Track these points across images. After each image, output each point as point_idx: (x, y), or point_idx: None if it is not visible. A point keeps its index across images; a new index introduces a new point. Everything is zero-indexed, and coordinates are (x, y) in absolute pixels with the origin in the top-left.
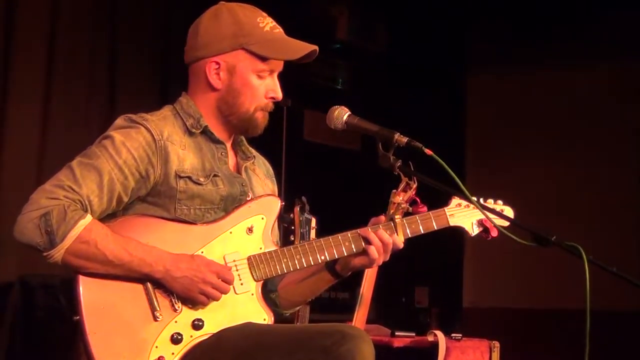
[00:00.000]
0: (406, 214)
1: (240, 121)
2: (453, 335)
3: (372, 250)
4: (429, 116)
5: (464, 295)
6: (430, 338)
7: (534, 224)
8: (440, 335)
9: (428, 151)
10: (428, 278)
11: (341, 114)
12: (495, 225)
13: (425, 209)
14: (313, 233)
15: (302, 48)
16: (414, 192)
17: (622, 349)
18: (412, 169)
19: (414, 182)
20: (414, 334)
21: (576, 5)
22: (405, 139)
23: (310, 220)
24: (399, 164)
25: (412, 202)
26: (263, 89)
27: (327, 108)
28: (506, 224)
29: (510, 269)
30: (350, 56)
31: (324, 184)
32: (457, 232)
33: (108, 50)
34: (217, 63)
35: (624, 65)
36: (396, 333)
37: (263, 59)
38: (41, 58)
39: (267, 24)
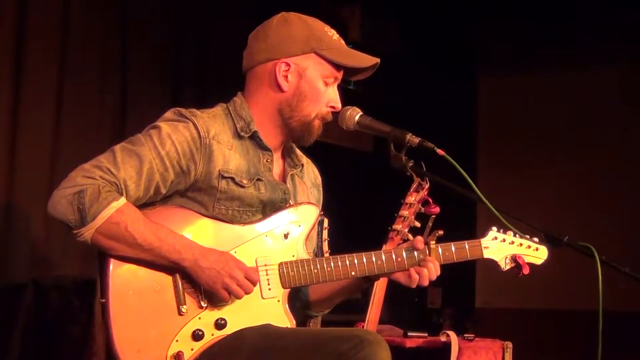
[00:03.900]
0: (419, 215)
1: (300, 125)
2: (466, 335)
3: (414, 277)
4: (441, 117)
5: (476, 295)
6: (443, 338)
7: (547, 224)
8: (452, 335)
9: (440, 151)
10: (441, 278)
11: (353, 115)
12: (533, 243)
13: (437, 209)
14: (325, 233)
15: (367, 58)
16: (426, 193)
17: (635, 349)
18: (424, 170)
19: (426, 183)
20: (426, 334)
21: (592, 7)
22: (417, 140)
23: (322, 221)
24: (411, 164)
25: (425, 203)
26: (325, 97)
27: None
28: (544, 256)
29: None
30: None
31: (335, 184)
32: (470, 233)
33: (119, 56)
34: (288, 65)
35: (637, 66)
36: (409, 333)
37: (333, 65)
38: (53, 64)
39: (334, 33)
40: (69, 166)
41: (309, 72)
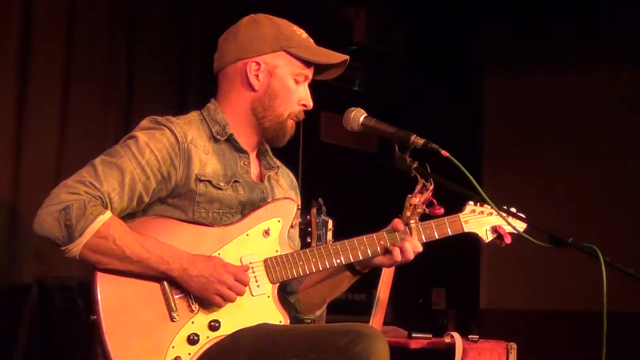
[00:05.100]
0: (423, 216)
1: (273, 124)
2: (470, 336)
3: (397, 253)
4: (446, 118)
5: (481, 296)
6: (447, 339)
7: (551, 225)
8: (457, 336)
9: (445, 153)
10: (445, 279)
11: (358, 116)
12: (511, 226)
13: (442, 210)
14: (330, 235)
15: (336, 55)
16: (430, 194)
17: (639, 350)
18: (429, 171)
19: (431, 184)
20: (430, 336)
21: (597, 8)
22: (421, 141)
23: (327, 222)
24: (415, 165)
25: (429, 204)
26: (297, 96)
27: (343, 110)
28: (522, 226)
29: (527, 270)
30: (367, 58)
31: (340, 185)
32: (474, 234)
33: (125, 55)
34: (258, 64)
35: None
36: (413, 334)
37: (303, 62)
38: (58, 63)
39: (303, 32)
40: (75, 166)
41: (280, 70)
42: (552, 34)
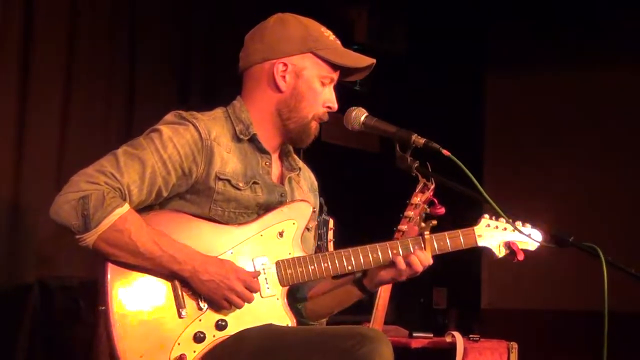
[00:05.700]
0: (424, 216)
1: (297, 126)
2: (471, 336)
3: (400, 263)
4: (447, 117)
5: (482, 296)
6: (448, 339)
7: (553, 224)
8: (458, 336)
9: (446, 152)
10: (446, 279)
11: (359, 115)
12: (525, 235)
13: (443, 210)
14: (331, 234)
15: (363, 58)
16: (431, 193)
17: (639, 350)
18: (430, 170)
19: (432, 184)
20: (431, 335)
21: (597, 8)
22: (422, 140)
23: (327, 222)
24: (416, 165)
25: (430, 203)
26: (322, 98)
27: (344, 109)
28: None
29: (529, 270)
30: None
31: (341, 185)
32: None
33: (126, 54)
34: (285, 65)
35: None
36: (414, 334)
37: (330, 64)
38: (61, 60)
39: (330, 34)
40: (76, 165)
41: (307, 72)
42: (552, 34)
